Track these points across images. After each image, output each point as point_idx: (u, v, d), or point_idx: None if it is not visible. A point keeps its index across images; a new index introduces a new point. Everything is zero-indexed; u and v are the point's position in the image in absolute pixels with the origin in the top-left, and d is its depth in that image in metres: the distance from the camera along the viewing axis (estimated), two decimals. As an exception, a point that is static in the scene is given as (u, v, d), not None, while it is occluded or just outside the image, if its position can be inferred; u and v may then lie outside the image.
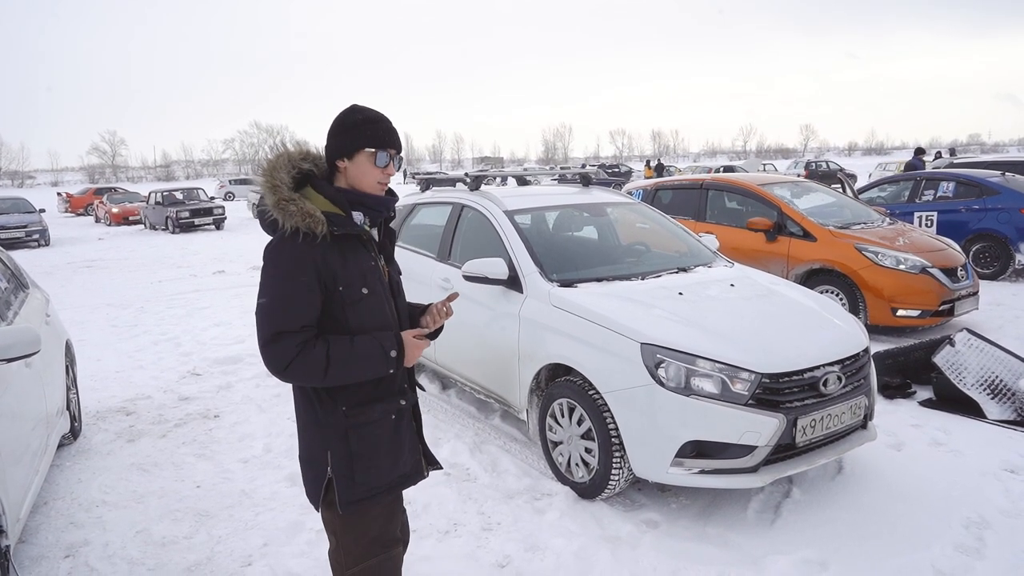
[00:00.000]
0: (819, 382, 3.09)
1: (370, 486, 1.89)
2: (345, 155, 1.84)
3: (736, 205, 7.36)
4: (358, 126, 1.83)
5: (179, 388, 5.34)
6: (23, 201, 19.81)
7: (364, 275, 1.85)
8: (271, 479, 3.70)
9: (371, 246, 1.92)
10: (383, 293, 1.91)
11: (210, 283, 10.70)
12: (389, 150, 1.86)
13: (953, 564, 2.79)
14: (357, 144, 1.82)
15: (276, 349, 1.74)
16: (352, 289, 1.82)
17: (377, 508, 1.94)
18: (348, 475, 1.87)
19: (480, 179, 4.83)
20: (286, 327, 1.74)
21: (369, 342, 1.82)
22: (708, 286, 3.76)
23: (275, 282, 1.77)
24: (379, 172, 1.85)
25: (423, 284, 4.57)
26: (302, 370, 1.75)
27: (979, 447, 3.84)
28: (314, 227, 1.74)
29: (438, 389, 5.06)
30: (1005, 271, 8.54)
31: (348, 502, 1.88)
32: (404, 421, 1.96)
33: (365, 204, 1.87)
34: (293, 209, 1.75)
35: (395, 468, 1.94)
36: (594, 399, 3.24)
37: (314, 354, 1.75)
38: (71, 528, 3.28)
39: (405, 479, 1.99)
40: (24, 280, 4.43)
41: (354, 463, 1.87)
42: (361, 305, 1.83)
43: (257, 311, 1.80)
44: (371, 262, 1.89)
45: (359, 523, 1.92)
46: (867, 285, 5.97)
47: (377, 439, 1.89)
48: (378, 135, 1.83)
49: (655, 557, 2.89)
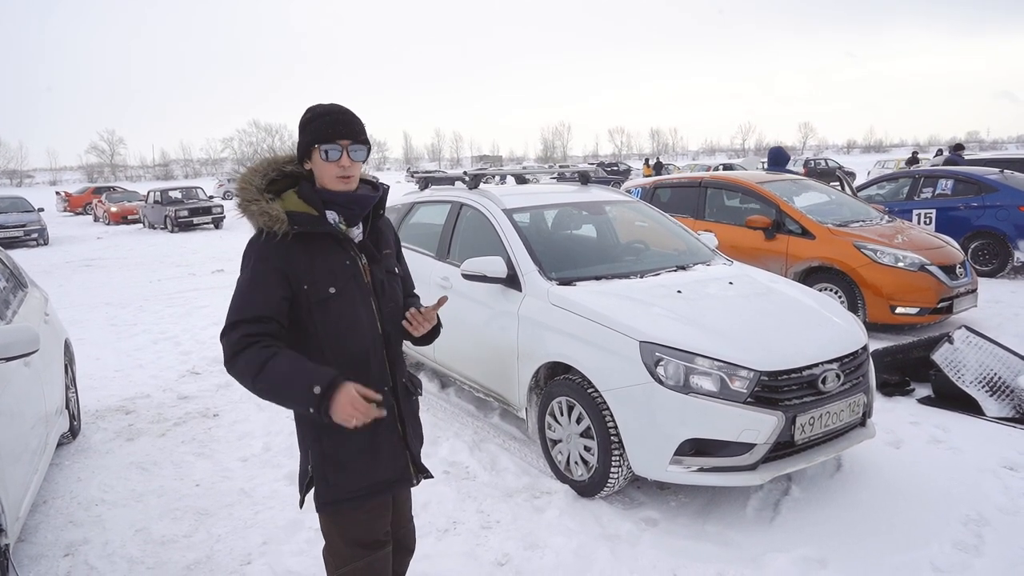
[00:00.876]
0: (818, 380, 3.09)
1: (343, 488, 1.89)
2: (305, 157, 1.86)
3: (735, 203, 7.36)
4: (305, 126, 1.84)
5: (178, 387, 5.34)
6: (22, 200, 19.79)
7: (333, 274, 1.84)
8: (270, 477, 3.70)
9: (348, 245, 1.89)
10: (357, 293, 1.88)
11: (209, 282, 10.70)
12: (339, 141, 1.81)
13: (952, 561, 2.80)
14: (309, 143, 1.83)
15: (229, 338, 1.75)
16: (317, 287, 1.81)
17: (358, 511, 1.92)
18: (323, 475, 1.89)
19: (479, 177, 4.82)
20: (241, 316, 1.76)
21: (304, 371, 1.69)
22: (707, 284, 3.76)
23: (242, 279, 1.82)
24: (333, 167, 1.82)
25: (422, 283, 4.52)
26: (240, 366, 1.72)
27: (978, 444, 3.84)
28: (272, 226, 1.77)
29: (437, 387, 5.06)
30: (1004, 268, 8.54)
31: (324, 503, 1.90)
32: (382, 427, 1.90)
33: (336, 203, 1.87)
34: (254, 209, 1.80)
35: (371, 473, 1.91)
36: (593, 397, 3.24)
37: (255, 355, 1.70)
38: (70, 527, 3.28)
39: (387, 484, 1.96)
40: (23, 279, 4.43)
41: (326, 464, 1.88)
42: (328, 304, 1.83)
43: None
44: (345, 261, 1.87)
45: (340, 524, 1.94)
46: (866, 283, 5.98)
47: (348, 442, 1.87)
48: (321, 129, 1.81)
49: (654, 555, 2.89)
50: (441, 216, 4.86)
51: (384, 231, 2.03)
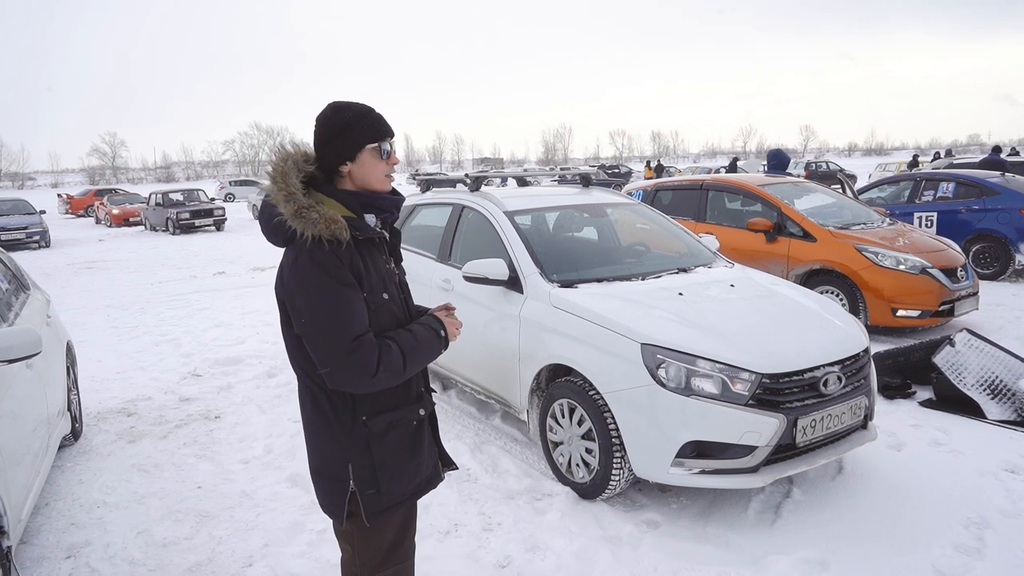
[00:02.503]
0: (819, 382, 3.09)
1: (394, 495, 1.84)
2: (347, 158, 1.75)
3: (736, 206, 7.37)
4: (352, 125, 1.74)
5: (180, 389, 5.34)
6: (23, 203, 19.84)
7: (383, 279, 1.80)
8: (272, 480, 3.70)
9: (384, 248, 1.87)
10: (398, 296, 1.88)
11: (211, 284, 10.70)
12: (388, 139, 1.79)
13: (953, 564, 2.79)
14: (358, 143, 1.75)
15: (360, 357, 1.65)
16: (375, 294, 1.76)
17: (397, 517, 1.90)
18: (373, 486, 1.80)
19: (480, 180, 4.83)
20: (359, 331, 1.67)
21: (423, 328, 1.85)
22: (708, 286, 3.77)
23: (326, 294, 1.65)
24: (385, 164, 1.79)
25: (423, 285, 4.57)
26: (388, 370, 1.69)
27: (979, 447, 3.84)
28: (339, 234, 1.66)
29: (439, 390, 5.06)
30: (1005, 271, 8.54)
31: (375, 513, 1.81)
32: (424, 426, 1.93)
33: (377, 206, 1.80)
34: (315, 217, 1.65)
35: (418, 474, 1.90)
36: (594, 400, 3.25)
37: (392, 351, 1.71)
38: (72, 529, 3.28)
39: (426, 484, 1.95)
40: (25, 281, 4.44)
41: (379, 474, 1.80)
42: (383, 310, 1.78)
43: (315, 332, 1.67)
44: (386, 265, 1.85)
45: (379, 533, 1.87)
46: (867, 285, 5.98)
47: (400, 447, 1.85)
48: (375, 127, 1.77)
49: (656, 557, 2.89)
50: (443, 218, 4.86)
51: (397, 234, 2.01)
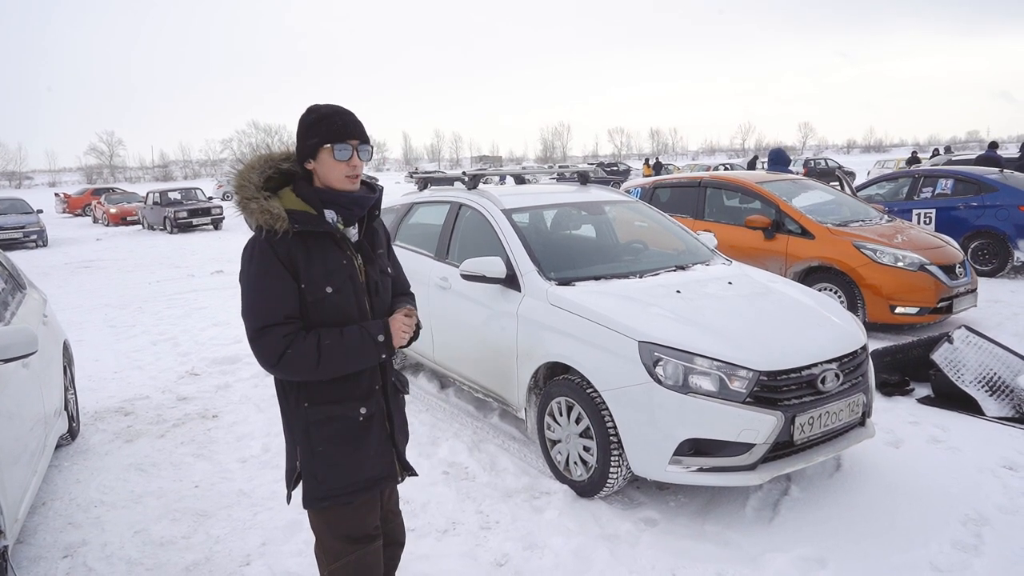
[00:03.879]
0: (817, 380, 3.09)
1: (332, 486, 1.90)
2: (310, 156, 1.85)
3: (734, 203, 7.36)
4: (314, 125, 1.84)
5: (177, 388, 5.34)
6: (21, 202, 19.80)
7: (330, 273, 1.85)
8: (269, 479, 3.70)
9: (346, 244, 1.91)
10: (352, 292, 1.89)
11: (208, 283, 10.69)
12: (349, 141, 1.84)
13: (951, 561, 2.79)
14: (317, 142, 1.83)
15: (265, 343, 1.77)
16: (314, 286, 1.83)
17: (346, 507, 1.94)
18: (312, 473, 1.90)
19: (478, 178, 4.82)
20: (270, 319, 1.78)
21: (357, 331, 1.85)
22: (706, 284, 3.76)
23: (252, 279, 1.81)
24: (343, 166, 1.85)
25: (421, 283, 4.56)
26: (294, 363, 1.77)
27: (977, 444, 3.84)
28: (274, 224, 1.77)
29: (436, 388, 5.06)
30: (1003, 268, 8.54)
31: (313, 498, 1.91)
32: (372, 424, 1.95)
33: (337, 202, 1.88)
34: (254, 207, 1.79)
35: (359, 471, 1.93)
36: (592, 397, 3.24)
37: (304, 346, 1.78)
38: (69, 528, 3.28)
39: (374, 482, 1.97)
40: (22, 281, 4.43)
41: (315, 461, 1.89)
42: (324, 304, 1.84)
43: (242, 311, 1.83)
44: (342, 260, 1.89)
45: (329, 520, 1.96)
46: (865, 282, 5.98)
47: (340, 440, 1.89)
48: (333, 129, 1.83)
49: (654, 555, 2.89)
50: (440, 216, 4.85)
51: (378, 231, 2.05)
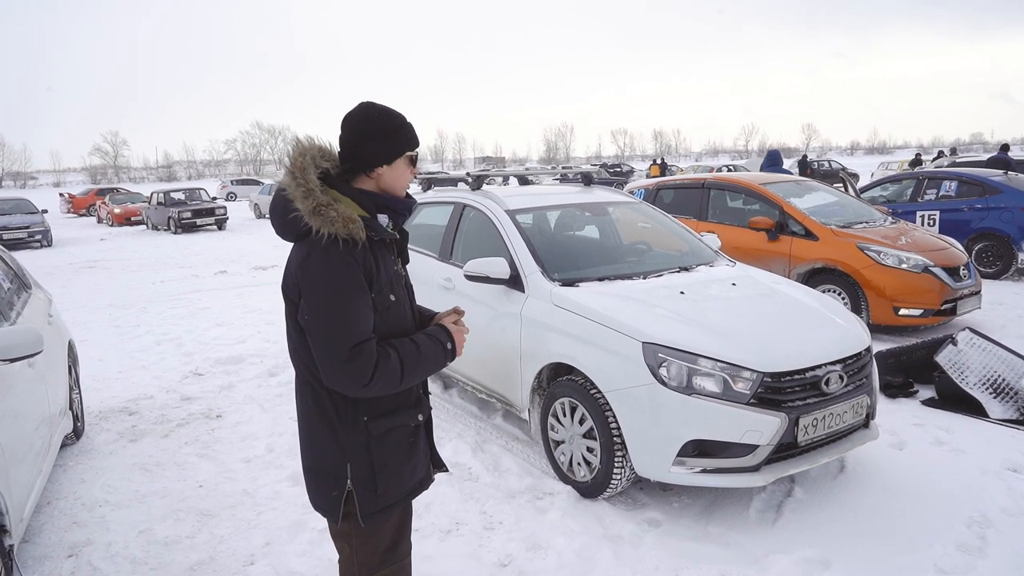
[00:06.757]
0: (821, 381, 3.09)
1: (390, 495, 1.85)
2: (386, 161, 1.78)
3: (738, 204, 7.35)
4: (396, 131, 1.78)
5: (181, 388, 5.35)
6: (25, 202, 19.88)
7: (392, 281, 1.80)
8: (273, 478, 3.71)
9: (394, 250, 1.88)
10: (405, 298, 1.88)
11: (212, 283, 10.71)
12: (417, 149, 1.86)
13: (955, 563, 2.79)
14: (401, 149, 1.78)
15: (358, 364, 1.65)
16: (382, 296, 1.75)
17: (393, 517, 1.91)
18: (370, 487, 1.81)
19: (482, 179, 4.83)
20: (360, 338, 1.66)
21: (428, 340, 1.83)
22: (710, 285, 3.76)
23: (337, 294, 1.65)
24: (410, 173, 1.84)
25: (425, 284, 4.56)
26: (383, 379, 1.69)
27: (981, 446, 3.83)
28: (355, 233, 1.66)
29: (440, 389, 5.06)
30: (1008, 270, 8.53)
31: (370, 513, 1.82)
32: (421, 430, 1.94)
33: (393, 208, 1.82)
34: (333, 215, 1.64)
35: (413, 476, 1.92)
36: (596, 398, 3.24)
37: (391, 362, 1.70)
38: (74, 528, 3.29)
39: (419, 486, 1.97)
40: (27, 281, 4.44)
41: (377, 475, 1.81)
42: (389, 312, 1.78)
43: (324, 332, 1.66)
44: (395, 267, 1.86)
45: (376, 533, 1.89)
46: (869, 284, 5.97)
47: (399, 449, 1.86)
48: (412, 137, 1.82)
49: (657, 556, 2.89)
50: (444, 217, 4.86)
51: (406, 236, 2.01)
